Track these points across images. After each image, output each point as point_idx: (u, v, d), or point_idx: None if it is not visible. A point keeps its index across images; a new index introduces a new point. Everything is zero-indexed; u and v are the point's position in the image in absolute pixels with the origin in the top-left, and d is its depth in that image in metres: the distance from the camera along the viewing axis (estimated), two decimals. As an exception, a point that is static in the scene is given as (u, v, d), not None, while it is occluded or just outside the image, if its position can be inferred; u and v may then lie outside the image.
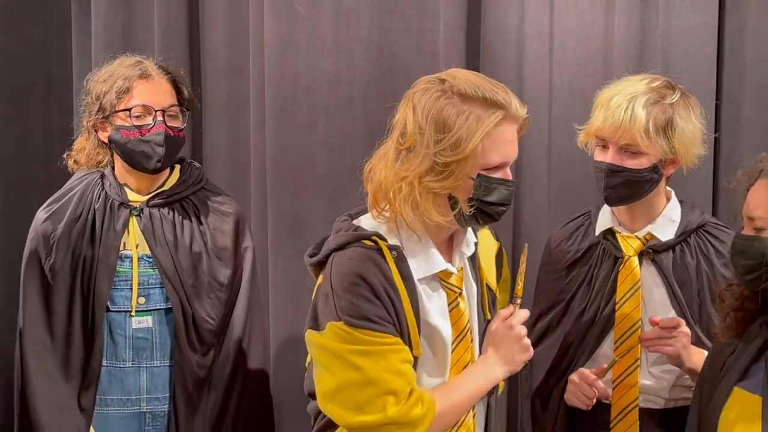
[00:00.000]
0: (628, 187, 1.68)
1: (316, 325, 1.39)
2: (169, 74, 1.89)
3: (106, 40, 2.33)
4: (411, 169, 1.34)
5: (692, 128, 1.66)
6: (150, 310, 1.86)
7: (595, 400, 1.73)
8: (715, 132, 2.13)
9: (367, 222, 1.44)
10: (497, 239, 1.63)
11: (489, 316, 1.51)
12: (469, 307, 1.50)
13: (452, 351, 1.47)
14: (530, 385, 1.96)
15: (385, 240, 1.41)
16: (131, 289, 1.84)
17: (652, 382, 1.74)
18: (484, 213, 1.39)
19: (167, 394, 1.89)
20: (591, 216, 1.86)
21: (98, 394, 1.88)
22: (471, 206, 1.34)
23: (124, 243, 1.86)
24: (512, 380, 2.20)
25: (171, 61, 2.08)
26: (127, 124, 1.80)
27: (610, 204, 1.73)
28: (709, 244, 1.75)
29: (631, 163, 1.64)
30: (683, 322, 1.69)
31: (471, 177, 1.36)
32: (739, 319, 1.44)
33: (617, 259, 1.76)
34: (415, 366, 1.44)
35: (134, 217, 1.86)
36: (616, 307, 1.76)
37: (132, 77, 1.81)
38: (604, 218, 1.79)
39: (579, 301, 1.81)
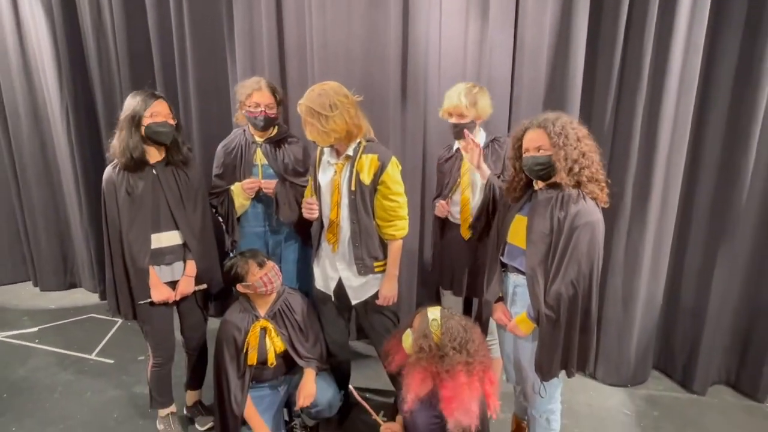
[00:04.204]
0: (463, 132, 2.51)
1: None
2: (271, 88, 2.62)
3: (241, 70, 3.27)
4: None
5: (484, 103, 2.52)
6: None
7: (449, 214, 2.64)
8: (509, 108, 2.96)
9: None
10: (380, 160, 2.21)
11: (353, 188, 2.21)
12: (342, 179, 2.27)
13: (332, 195, 2.30)
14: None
15: (330, 147, 2.29)
16: (259, 179, 2.63)
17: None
18: None
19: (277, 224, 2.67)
20: (453, 144, 2.72)
21: (242, 228, 2.70)
22: None
23: (254, 158, 2.63)
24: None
25: (273, 80, 3.02)
26: (249, 109, 2.58)
27: (458, 140, 2.61)
28: (497, 146, 2.58)
29: (459, 120, 2.52)
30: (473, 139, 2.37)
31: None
32: (515, 186, 2.07)
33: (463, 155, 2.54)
34: (318, 194, 2.32)
35: (259, 147, 2.65)
36: (461, 174, 2.62)
37: (253, 90, 2.57)
38: (457, 143, 2.66)
39: (447, 176, 2.70)
